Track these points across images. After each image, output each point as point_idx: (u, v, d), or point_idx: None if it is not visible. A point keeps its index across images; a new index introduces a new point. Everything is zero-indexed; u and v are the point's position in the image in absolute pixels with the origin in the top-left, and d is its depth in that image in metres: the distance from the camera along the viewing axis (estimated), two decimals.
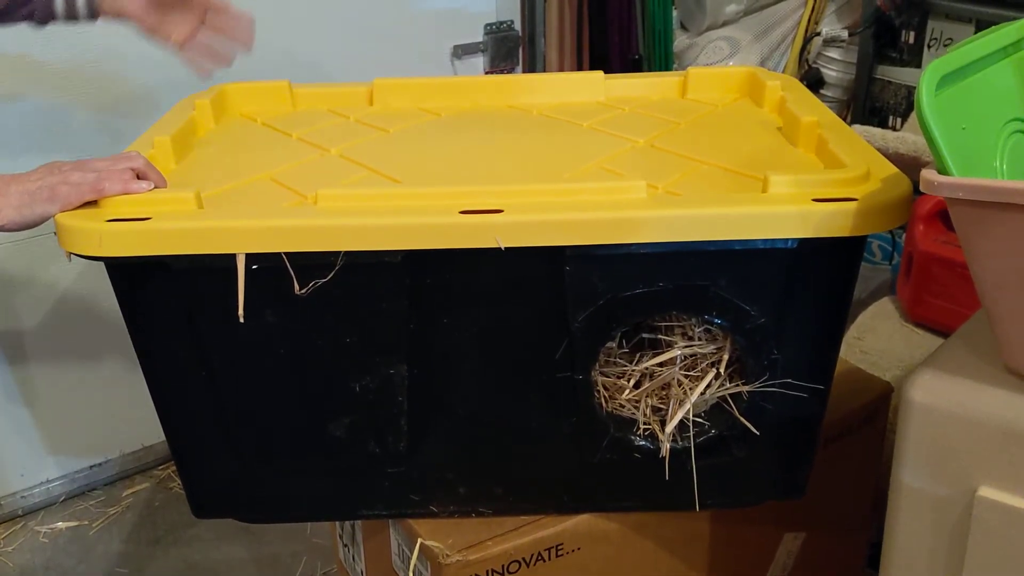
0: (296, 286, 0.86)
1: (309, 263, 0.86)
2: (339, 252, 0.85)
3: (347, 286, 0.87)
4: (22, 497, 1.96)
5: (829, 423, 1.13)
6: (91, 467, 2.02)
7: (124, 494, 2.01)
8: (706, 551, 1.12)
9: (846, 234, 0.84)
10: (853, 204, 0.83)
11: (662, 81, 1.28)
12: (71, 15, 1.18)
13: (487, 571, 0.99)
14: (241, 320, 0.88)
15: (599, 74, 1.27)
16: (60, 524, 1.93)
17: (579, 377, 0.93)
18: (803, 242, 0.85)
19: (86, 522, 1.93)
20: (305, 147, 1.11)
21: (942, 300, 1.53)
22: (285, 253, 0.85)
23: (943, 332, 1.52)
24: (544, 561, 1.02)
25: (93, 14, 1.18)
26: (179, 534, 1.87)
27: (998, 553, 0.74)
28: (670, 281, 0.88)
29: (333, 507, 1.07)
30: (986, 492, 0.73)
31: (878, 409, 1.23)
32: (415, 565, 1.03)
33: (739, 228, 0.85)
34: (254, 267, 0.86)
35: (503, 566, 1.00)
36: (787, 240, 0.85)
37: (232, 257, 0.85)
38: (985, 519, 0.74)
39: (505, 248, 0.84)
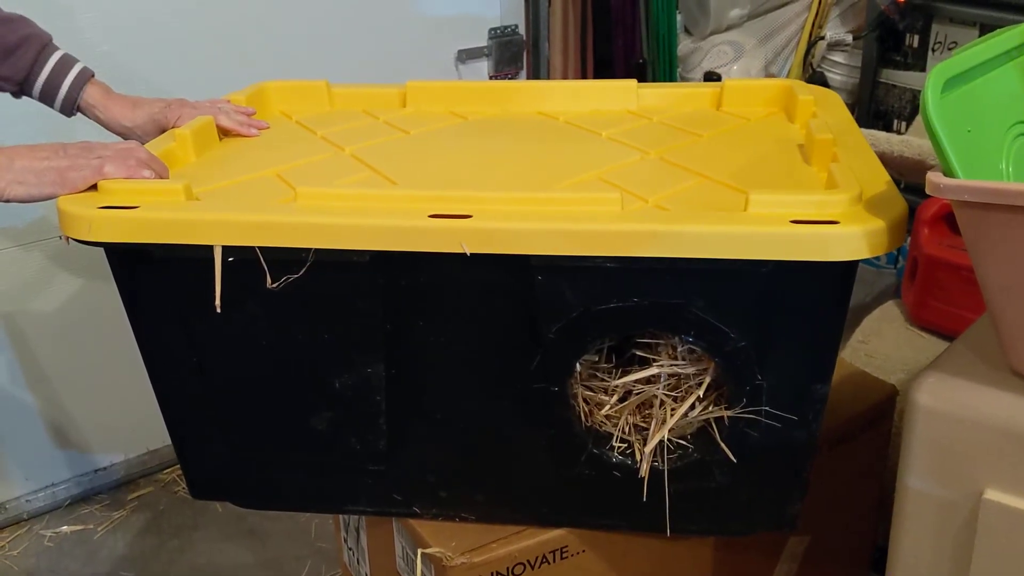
0: (268, 280, 0.87)
1: (282, 258, 0.87)
2: (309, 249, 0.86)
3: (320, 283, 0.88)
4: (27, 501, 1.96)
5: (834, 426, 1.14)
6: (96, 471, 2.02)
7: (129, 498, 2.01)
8: (711, 554, 1.12)
9: (823, 259, 0.78)
10: (833, 228, 0.78)
11: (697, 92, 1.25)
12: (47, 100, 1.20)
13: (491, 573, 0.99)
14: (218, 310, 0.89)
15: (632, 83, 1.24)
16: (65, 528, 1.93)
17: (554, 389, 0.91)
18: (780, 265, 0.80)
19: (91, 526, 1.93)
20: (323, 146, 1.13)
21: (947, 304, 1.53)
22: (259, 247, 0.86)
23: (948, 336, 1.52)
24: (549, 564, 1.02)
25: (69, 111, 1.21)
26: (184, 538, 1.88)
27: (1004, 556, 0.74)
28: (644, 297, 0.85)
29: (320, 499, 1.08)
30: (992, 495, 0.73)
31: (883, 412, 1.23)
32: (420, 568, 1.03)
33: (709, 247, 0.80)
34: (230, 259, 0.87)
35: (508, 568, 1.00)
36: (763, 262, 0.80)
37: (211, 249, 0.87)
38: (991, 522, 0.74)
39: (470, 254, 0.83)
